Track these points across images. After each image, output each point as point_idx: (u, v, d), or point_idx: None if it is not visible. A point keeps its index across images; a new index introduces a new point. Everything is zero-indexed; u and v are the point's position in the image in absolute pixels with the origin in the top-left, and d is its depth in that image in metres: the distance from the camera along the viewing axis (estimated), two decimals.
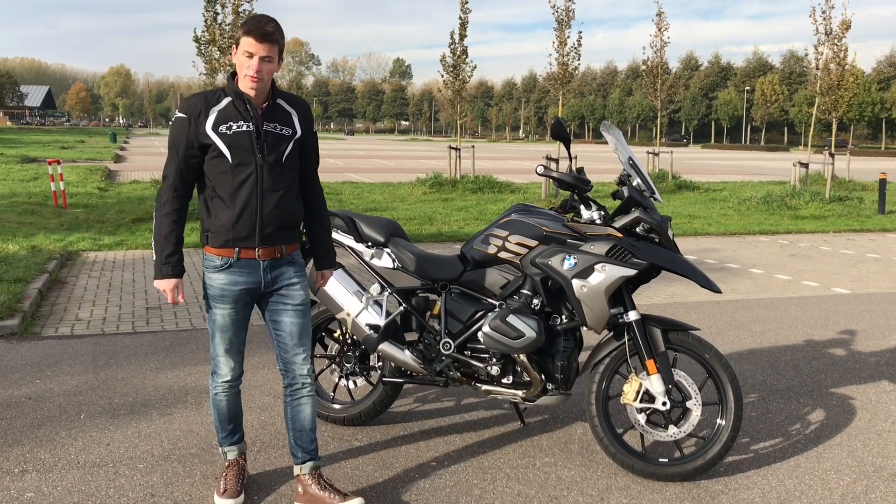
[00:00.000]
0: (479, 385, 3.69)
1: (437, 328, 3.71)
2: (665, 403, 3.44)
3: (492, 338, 3.49)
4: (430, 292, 3.79)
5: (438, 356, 3.69)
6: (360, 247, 3.84)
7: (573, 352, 3.61)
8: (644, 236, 3.48)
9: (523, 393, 3.62)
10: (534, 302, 3.56)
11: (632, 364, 3.55)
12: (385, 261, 3.81)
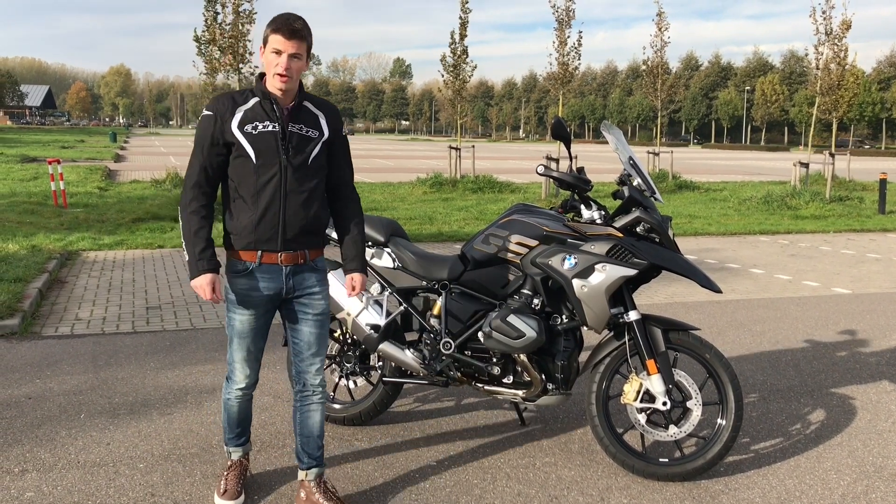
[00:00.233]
0: (480, 385, 3.69)
1: (438, 328, 3.71)
2: (665, 403, 3.44)
3: (492, 337, 3.49)
4: (431, 292, 3.79)
5: (439, 356, 3.69)
6: None
7: (573, 352, 3.61)
8: (644, 236, 3.48)
9: (524, 393, 3.62)
10: (534, 302, 3.56)
11: (632, 364, 3.55)
12: (385, 260, 3.81)
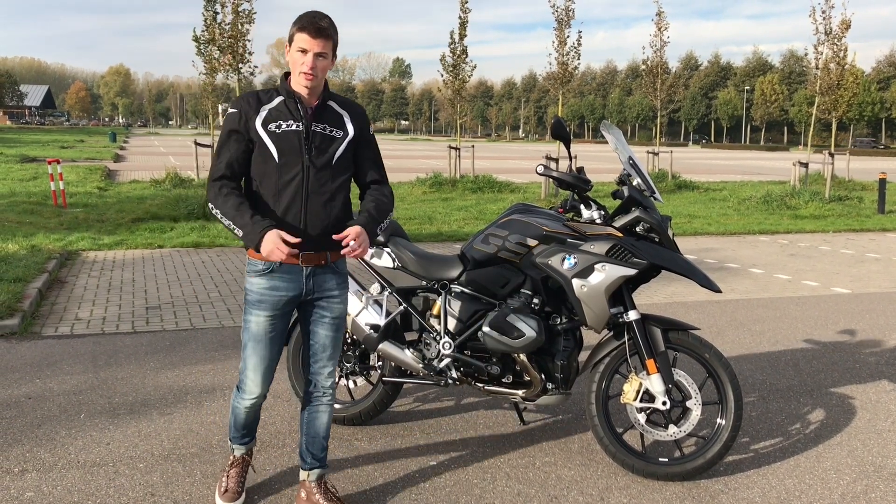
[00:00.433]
0: (479, 385, 3.69)
1: (437, 328, 3.71)
2: (665, 403, 3.45)
3: (492, 337, 3.49)
4: (430, 292, 3.79)
5: (438, 356, 3.69)
6: None
7: (573, 351, 3.61)
8: (644, 236, 3.48)
9: (523, 392, 3.62)
10: (534, 301, 3.56)
11: (632, 363, 3.56)
12: (385, 260, 3.81)
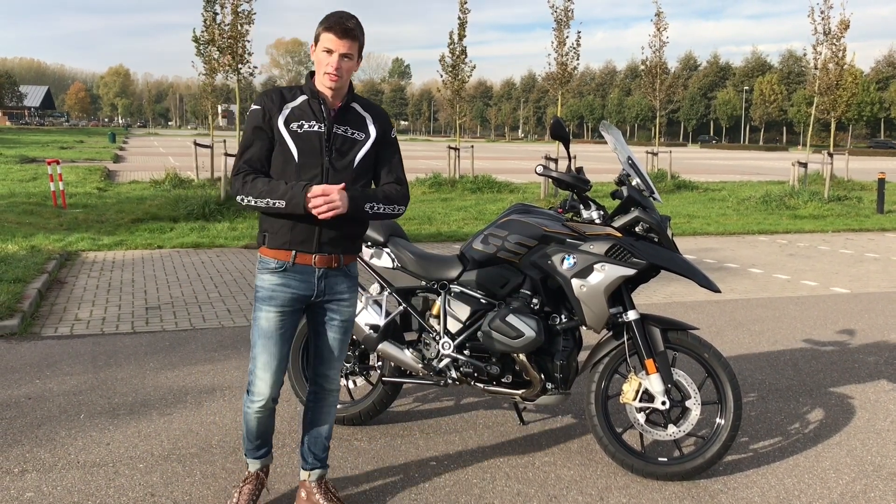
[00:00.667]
0: (479, 384, 3.69)
1: (437, 328, 3.72)
2: (664, 403, 3.45)
3: (491, 337, 3.49)
4: (430, 292, 3.80)
5: (438, 356, 3.70)
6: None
7: (572, 351, 3.61)
8: (643, 236, 3.49)
9: (523, 392, 3.63)
10: (533, 301, 3.57)
11: (631, 363, 3.56)
12: (384, 260, 3.81)
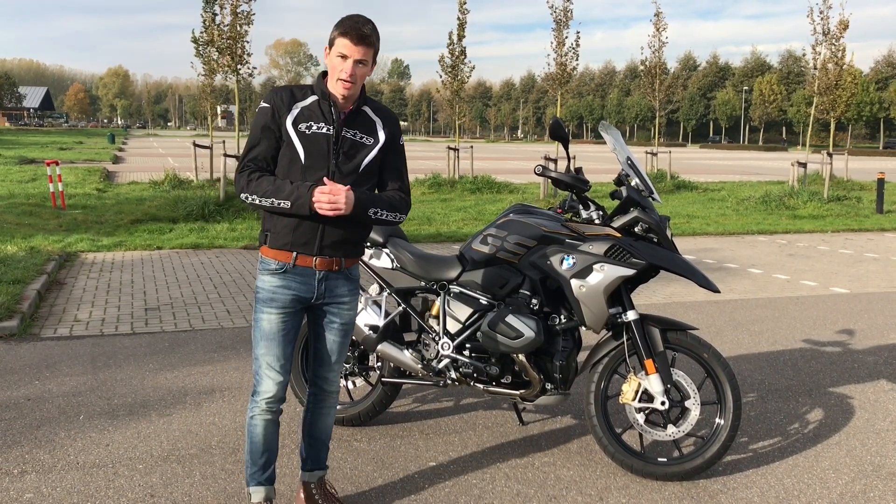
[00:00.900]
0: (478, 385, 3.69)
1: (436, 328, 3.72)
2: (664, 403, 3.45)
3: (491, 338, 3.49)
4: (429, 292, 3.80)
5: (437, 356, 3.70)
6: None
7: (572, 351, 3.61)
8: (642, 236, 3.49)
9: (522, 393, 3.63)
10: (532, 302, 3.56)
11: (630, 364, 3.56)
12: (384, 261, 3.81)
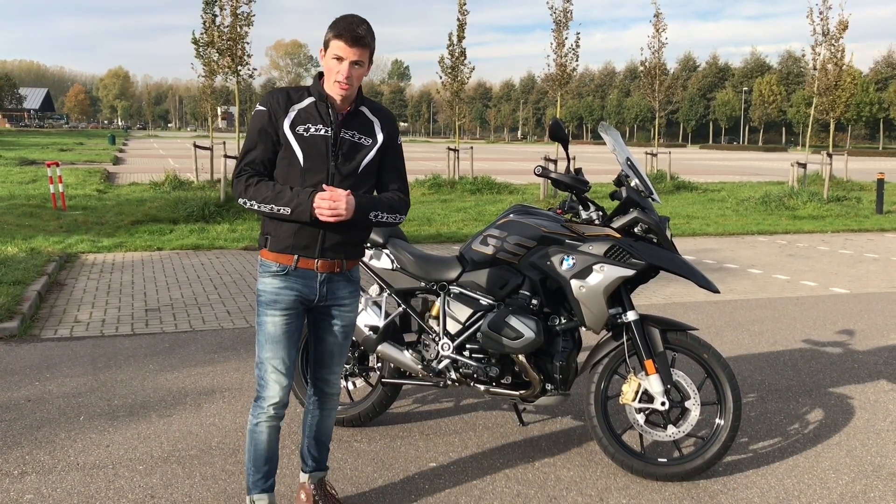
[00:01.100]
0: (478, 385, 3.69)
1: (436, 329, 3.72)
2: (664, 403, 3.45)
3: (490, 338, 3.50)
4: (429, 293, 3.80)
5: (437, 357, 3.70)
6: None
7: (572, 352, 3.61)
8: (642, 237, 3.49)
9: (522, 393, 3.63)
10: (532, 302, 3.57)
11: (630, 364, 3.56)
12: (384, 262, 3.82)
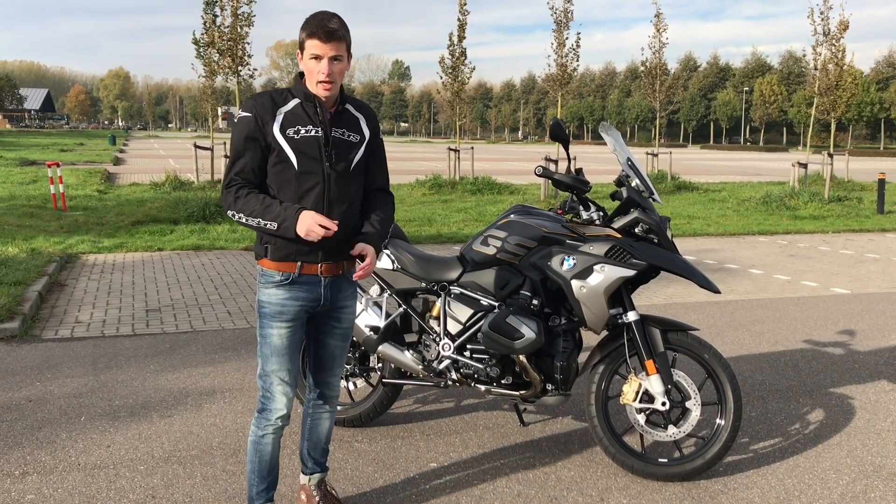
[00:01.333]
0: (479, 386, 3.70)
1: (437, 329, 3.72)
2: (664, 404, 3.45)
3: (491, 338, 3.50)
4: (430, 293, 3.80)
5: (438, 357, 3.70)
6: None
7: (573, 352, 3.61)
8: (643, 237, 3.49)
9: (523, 393, 3.63)
10: (533, 303, 3.57)
11: (631, 364, 3.56)
12: (385, 262, 3.82)
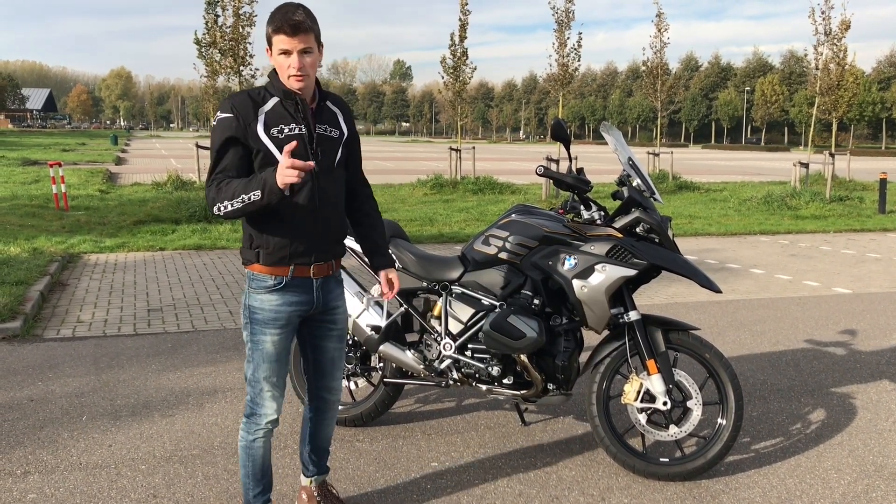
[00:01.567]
0: (480, 385, 3.70)
1: (438, 329, 3.72)
2: (666, 403, 3.45)
3: (492, 338, 3.50)
4: (431, 293, 3.80)
5: (439, 357, 3.70)
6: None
7: (574, 352, 3.62)
8: (644, 236, 3.49)
9: (524, 393, 3.63)
10: (534, 302, 3.57)
11: (632, 364, 3.56)
12: None
